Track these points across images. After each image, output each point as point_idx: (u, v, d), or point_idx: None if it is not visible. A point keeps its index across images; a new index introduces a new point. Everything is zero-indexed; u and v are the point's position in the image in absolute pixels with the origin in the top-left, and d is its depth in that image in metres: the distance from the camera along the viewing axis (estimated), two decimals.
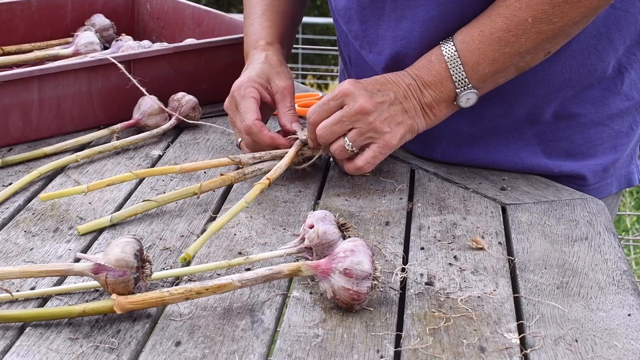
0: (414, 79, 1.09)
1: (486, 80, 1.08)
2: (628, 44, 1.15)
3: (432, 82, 1.08)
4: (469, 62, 1.07)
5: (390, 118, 1.08)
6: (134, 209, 1.04)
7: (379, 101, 1.07)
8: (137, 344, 0.81)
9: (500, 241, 1.01)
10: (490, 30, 1.05)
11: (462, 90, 1.08)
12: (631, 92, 1.18)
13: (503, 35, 1.05)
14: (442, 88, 1.08)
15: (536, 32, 1.04)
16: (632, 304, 0.89)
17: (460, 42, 1.07)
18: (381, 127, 1.07)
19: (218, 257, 0.97)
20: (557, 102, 1.16)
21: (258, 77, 1.18)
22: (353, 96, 1.07)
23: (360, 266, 0.84)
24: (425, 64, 1.09)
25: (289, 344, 0.81)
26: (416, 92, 1.09)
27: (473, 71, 1.07)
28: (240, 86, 1.17)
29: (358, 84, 1.08)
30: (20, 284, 0.90)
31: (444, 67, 1.08)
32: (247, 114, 1.14)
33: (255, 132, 1.13)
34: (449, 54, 1.07)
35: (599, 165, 1.20)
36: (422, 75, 1.09)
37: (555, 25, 1.03)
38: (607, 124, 1.19)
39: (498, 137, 1.19)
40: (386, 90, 1.08)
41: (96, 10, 1.60)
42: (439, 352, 0.80)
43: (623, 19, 1.13)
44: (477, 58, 1.06)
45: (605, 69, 1.15)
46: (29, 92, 1.21)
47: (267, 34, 1.27)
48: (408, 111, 1.09)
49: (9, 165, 1.18)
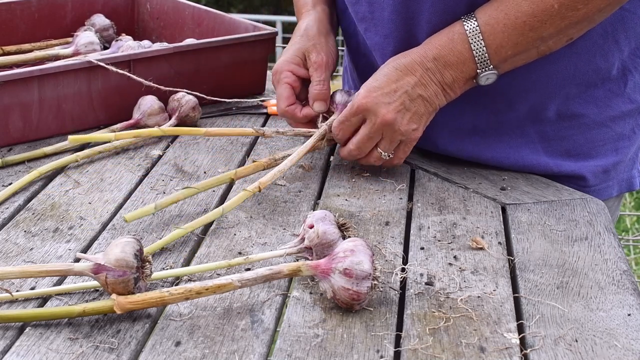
0: (435, 60, 1.08)
1: (507, 61, 1.08)
2: (633, 46, 1.16)
3: (454, 62, 1.08)
4: (492, 45, 1.06)
5: (414, 115, 1.10)
6: (175, 196, 1.04)
7: (399, 105, 1.09)
8: (137, 344, 0.81)
9: (500, 241, 1.01)
10: (516, 14, 1.05)
11: (482, 71, 1.08)
12: (635, 95, 1.19)
13: (528, 20, 1.05)
14: (464, 68, 1.08)
15: (561, 17, 1.04)
16: (632, 304, 0.89)
17: (485, 24, 1.06)
18: (407, 129, 1.10)
19: (218, 257, 0.97)
20: (560, 100, 1.16)
21: (294, 57, 1.21)
22: (372, 110, 1.09)
23: (360, 266, 0.84)
24: (447, 43, 1.08)
25: (289, 344, 0.81)
26: (435, 74, 1.09)
27: (495, 53, 1.07)
28: (276, 71, 1.21)
29: (373, 94, 1.09)
30: (20, 284, 0.90)
31: (467, 47, 1.07)
32: (280, 101, 1.20)
33: (289, 117, 1.21)
34: (473, 34, 1.07)
35: (599, 166, 1.20)
36: (444, 54, 1.08)
37: (580, 12, 1.03)
38: (609, 126, 1.19)
39: (500, 133, 1.19)
40: (402, 88, 1.09)
41: (96, 10, 1.60)
42: (438, 352, 0.80)
43: (630, 20, 1.13)
44: (501, 41, 1.06)
45: (610, 69, 1.15)
46: (29, 92, 1.21)
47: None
48: (429, 98, 1.09)
49: (9, 165, 1.18)
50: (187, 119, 1.31)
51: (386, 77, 1.10)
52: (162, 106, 1.30)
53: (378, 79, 1.10)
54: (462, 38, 1.07)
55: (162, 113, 1.29)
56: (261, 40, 1.43)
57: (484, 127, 1.19)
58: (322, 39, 1.23)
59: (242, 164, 1.21)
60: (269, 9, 9.46)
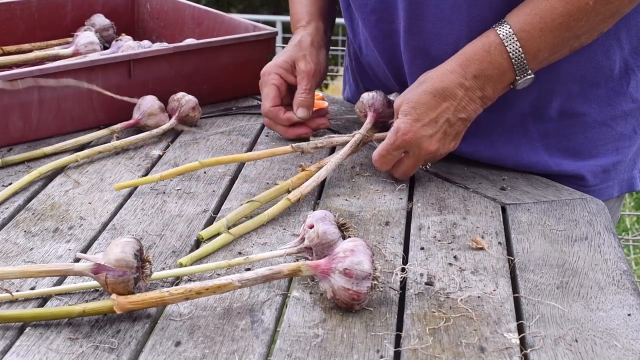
0: (475, 78, 1.07)
1: (543, 63, 1.08)
2: (635, 44, 1.16)
3: (494, 75, 1.07)
4: (531, 51, 1.06)
5: (455, 137, 1.11)
6: (242, 210, 1.04)
7: (441, 135, 1.09)
8: (137, 344, 0.81)
9: (500, 241, 1.01)
10: (551, 16, 1.04)
11: (521, 77, 1.08)
12: (637, 95, 1.19)
13: (564, 21, 1.04)
14: (503, 79, 1.08)
15: (595, 13, 1.04)
16: (632, 304, 0.89)
17: (520, 30, 1.05)
18: (447, 150, 1.12)
19: (218, 257, 0.97)
20: (562, 98, 1.16)
21: (284, 63, 1.25)
22: (416, 145, 1.09)
23: (360, 266, 0.84)
24: (484, 56, 1.07)
25: (289, 344, 0.81)
26: (476, 91, 1.08)
27: (533, 58, 1.06)
28: (264, 73, 1.26)
29: (414, 127, 1.08)
30: (20, 284, 0.90)
31: (505, 57, 1.06)
32: (265, 101, 1.25)
33: (272, 117, 1.25)
34: (510, 43, 1.05)
35: (599, 166, 1.20)
36: (483, 69, 1.07)
37: (614, 5, 1.03)
38: (610, 125, 1.19)
39: (502, 130, 1.19)
40: (443, 116, 1.08)
41: (96, 10, 1.60)
42: (438, 352, 0.80)
43: (632, 19, 1.13)
44: (539, 46, 1.06)
45: (612, 67, 1.15)
46: (29, 92, 1.21)
47: (307, 12, 1.32)
48: (469, 117, 1.10)
49: (9, 165, 1.18)
50: (187, 118, 1.31)
51: (425, 107, 1.08)
52: (162, 106, 1.30)
53: (417, 109, 1.09)
54: (499, 49, 1.06)
55: (162, 113, 1.29)
56: (261, 40, 1.43)
57: (485, 125, 1.19)
58: (313, 50, 1.27)
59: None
60: (269, 9, 9.45)
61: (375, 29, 1.22)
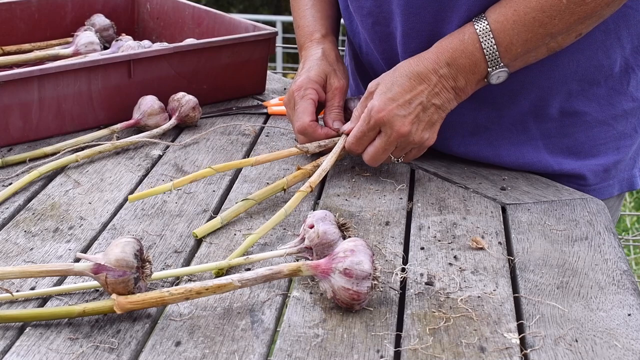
0: (448, 66, 1.08)
1: (517, 59, 1.08)
2: (636, 43, 1.16)
3: (467, 64, 1.08)
4: (503, 42, 1.06)
5: (427, 124, 1.11)
6: (237, 208, 1.05)
7: (414, 117, 1.09)
8: (137, 344, 0.81)
9: (500, 241, 1.01)
10: (525, 10, 1.05)
11: (493, 69, 1.08)
12: (637, 94, 1.19)
13: (537, 16, 1.05)
14: (476, 69, 1.08)
15: (570, 12, 1.04)
16: (632, 304, 0.89)
17: (494, 22, 1.06)
18: (421, 138, 1.11)
19: (218, 257, 0.97)
20: (562, 97, 1.16)
21: (318, 77, 1.23)
22: (388, 124, 1.09)
23: (360, 266, 0.84)
24: (458, 45, 1.08)
25: (289, 344, 0.81)
26: (449, 80, 1.09)
27: (506, 51, 1.07)
28: (300, 87, 1.21)
29: (389, 106, 1.09)
30: (20, 284, 0.90)
31: (477, 47, 1.07)
32: (304, 115, 1.19)
33: (310, 132, 1.19)
34: (483, 33, 1.07)
35: (599, 165, 1.20)
36: (456, 57, 1.08)
37: (588, 6, 1.04)
38: (611, 124, 1.19)
39: (502, 129, 1.19)
40: (417, 98, 1.09)
41: (96, 10, 1.60)
42: (439, 352, 0.80)
43: (632, 17, 1.13)
44: (511, 38, 1.06)
45: (612, 66, 1.15)
46: (29, 92, 1.21)
47: (322, 25, 1.30)
48: (442, 105, 1.10)
49: (9, 165, 1.18)
50: (187, 119, 1.31)
51: (400, 87, 1.10)
52: (162, 106, 1.30)
53: (392, 90, 1.10)
54: (472, 38, 1.08)
55: (162, 113, 1.29)
56: (261, 40, 1.43)
57: (486, 123, 1.19)
58: (340, 66, 1.26)
59: None
60: (269, 9, 9.46)
61: (372, 31, 1.23)
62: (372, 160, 1.14)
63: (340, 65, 1.26)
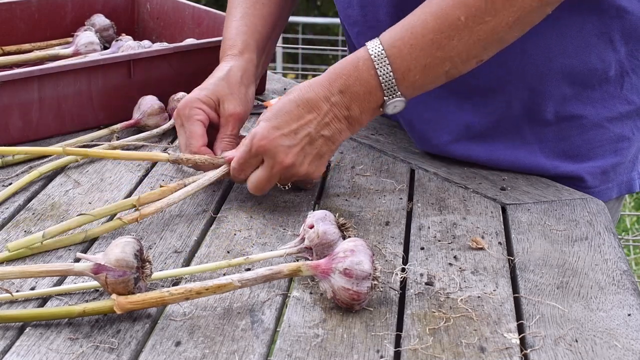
0: (341, 93, 1.01)
1: (415, 88, 1.02)
2: (631, 47, 1.15)
3: (361, 93, 1.01)
4: (400, 69, 1.00)
5: (315, 157, 1.04)
6: (67, 224, 0.97)
7: (299, 150, 1.02)
8: (137, 344, 0.81)
9: (500, 241, 1.01)
10: (422, 31, 0.99)
11: (389, 98, 1.01)
12: (632, 97, 1.18)
13: (435, 37, 0.98)
14: (371, 98, 1.01)
15: (469, 32, 0.98)
16: (632, 304, 0.89)
17: (390, 46, 1.00)
18: (307, 171, 1.04)
19: (218, 257, 0.97)
20: (556, 101, 1.16)
21: (207, 98, 1.13)
22: (270, 154, 1.02)
23: (360, 266, 0.84)
24: (352, 71, 1.01)
25: (289, 344, 0.81)
26: (342, 109, 1.02)
27: (403, 78, 1.00)
28: (186, 105, 1.13)
29: (272, 134, 1.01)
30: (20, 284, 0.90)
31: (372, 74, 1.00)
32: (192, 139, 1.11)
33: None
34: (378, 59, 1.00)
35: (597, 167, 1.20)
36: (350, 84, 1.01)
37: (488, 25, 0.98)
38: (607, 127, 1.18)
39: (498, 134, 1.19)
40: (304, 129, 1.01)
41: (96, 10, 1.59)
42: (439, 352, 0.80)
43: (626, 21, 1.13)
44: (408, 64, 1.00)
45: (606, 69, 1.15)
46: (29, 92, 1.21)
47: (242, 41, 1.21)
48: (332, 137, 1.03)
49: (9, 165, 1.17)
50: None
51: (287, 115, 1.02)
52: (162, 106, 1.30)
53: (278, 117, 1.02)
54: (367, 65, 1.00)
55: (162, 113, 1.29)
56: None
57: (480, 129, 1.19)
58: (242, 89, 1.16)
59: None
60: None
61: (356, 41, 1.21)
62: (255, 190, 1.05)
63: (243, 88, 1.16)
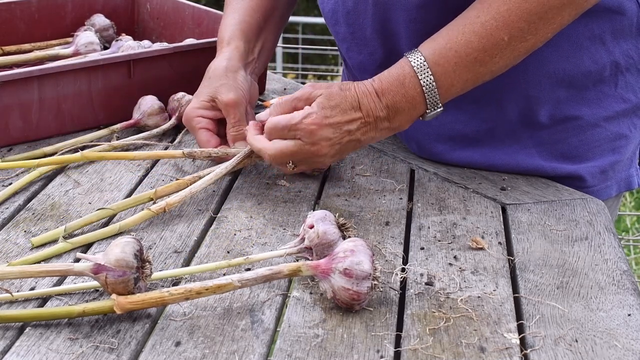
0: (387, 108, 1.04)
1: (453, 96, 1.06)
2: (624, 47, 1.15)
3: (406, 109, 1.04)
4: (444, 86, 1.04)
5: (341, 154, 1.07)
6: (89, 218, 1.00)
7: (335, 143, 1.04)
8: (137, 344, 0.81)
9: (500, 241, 1.01)
10: (466, 51, 1.02)
11: (431, 111, 1.05)
12: (627, 95, 1.18)
13: (479, 56, 1.02)
14: (414, 112, 1.05)
15: (510, 50, 1.02)
16: (632, 304, 0.89)
17: (435, 64, 1.03)
18: (323, 161, 1.07)
19: (218, 257, 0.97)
20: (551, 104, 1.16)
21: (202, 103, 1.18)
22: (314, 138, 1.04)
23: (360, 266, 0.84)
24: (399, 88, 1.04)
25: (289, 344, 0.81)
26: (383, 122, 1.05)
27: (446, 92, 1.05)
28: (187, 119, 1.18)
29: (324, 120, 1.03)
30: (20, 284, 0.90)
31: (419, 91, 1.03)
32: (204, 146, 1.16)
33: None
34: (424, 77, 1.03)
35: (596, 167, 1.20)
36: (397, 101, 1.04)
37: (529, 43, 1.02)
38: (603, 126, 1.18)
39: (494, 140, 1.19)
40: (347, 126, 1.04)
41: (96, 10, 1.59)
42: (439, 352, 0.80)
43: (617, 22, 1.13)
44: (452, 80, 1.04)
45: (601, 71, 1.15)
46: (29, 92, 1.21)
47: (230, 32, 1.24)
48: (364, 142, 1.07)
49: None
50: None
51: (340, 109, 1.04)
52: (162, 106, 1.30)
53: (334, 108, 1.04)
54: (413, 82, 1.03)
55: (162, 113, 1.29)
56: None
57: (477, 136, 1.19)
58: (229, 76, 1.18)
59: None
60: None
61: (346, 56, 1.23)
62: (274, 157, 1.06)
63: (230, 74, 1.18)
